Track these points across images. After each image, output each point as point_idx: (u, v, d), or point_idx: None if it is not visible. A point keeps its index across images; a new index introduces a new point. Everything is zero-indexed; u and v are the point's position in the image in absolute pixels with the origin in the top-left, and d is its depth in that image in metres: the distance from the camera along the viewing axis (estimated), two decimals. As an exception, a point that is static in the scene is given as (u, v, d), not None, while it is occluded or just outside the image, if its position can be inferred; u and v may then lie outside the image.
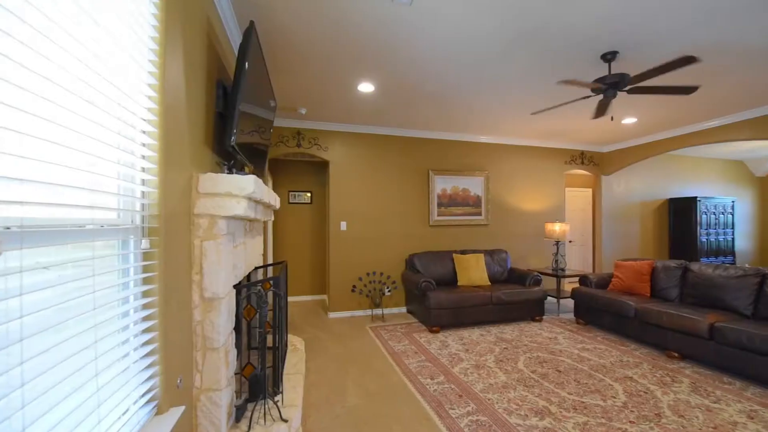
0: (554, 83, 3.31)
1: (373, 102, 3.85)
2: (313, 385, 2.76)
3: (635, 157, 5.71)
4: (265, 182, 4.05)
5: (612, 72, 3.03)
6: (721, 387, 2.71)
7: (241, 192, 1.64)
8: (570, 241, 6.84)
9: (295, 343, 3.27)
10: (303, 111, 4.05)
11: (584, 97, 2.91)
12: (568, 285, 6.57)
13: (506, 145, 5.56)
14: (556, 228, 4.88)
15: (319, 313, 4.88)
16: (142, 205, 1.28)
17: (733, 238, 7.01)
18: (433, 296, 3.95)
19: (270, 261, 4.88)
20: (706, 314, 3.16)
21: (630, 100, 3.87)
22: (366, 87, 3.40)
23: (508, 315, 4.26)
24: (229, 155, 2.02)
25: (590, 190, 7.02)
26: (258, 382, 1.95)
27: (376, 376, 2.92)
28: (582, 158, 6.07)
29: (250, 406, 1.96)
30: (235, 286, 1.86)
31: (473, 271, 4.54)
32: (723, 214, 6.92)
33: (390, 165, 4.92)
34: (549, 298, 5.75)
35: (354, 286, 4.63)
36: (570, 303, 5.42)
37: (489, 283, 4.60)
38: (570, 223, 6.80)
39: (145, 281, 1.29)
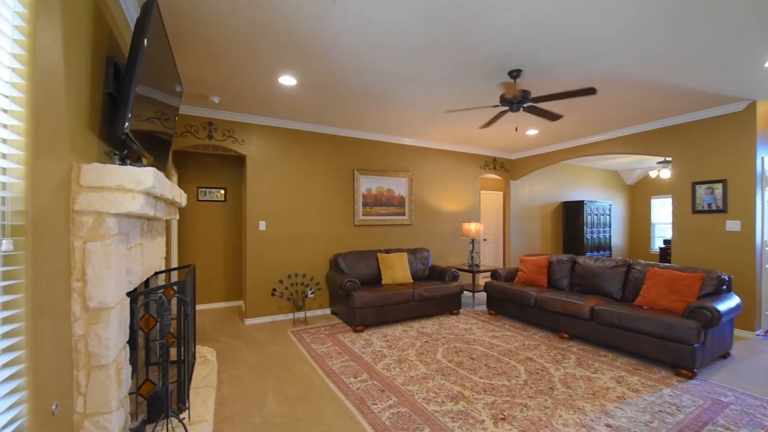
0: (468, 90, 3.58)
1: (296, 96, 3.74)
2: (227, 397, 2.57)
3: (537, 164, 6.49)
4: (169, 176, 3.65)
5: (517, 88, 3.40)
6: (599, 360, 3.22)
7: (137, 186, 1.45)
8: (484, 240, 7.48)
9: (206, 354, 3.01)
10: (216, 100, 3.75)
11: (494, 106, 3.22)
12: (483, 279, 7.19)
13: (428, 148, 5.87)
14: (472, 227, 5.30)
15: (235, 321, 4.56)
16: (2, 198, 1.05)
17: (610, 236, 8.38)
18: (358, 296, 3.97)
19: (174, 265, 4.41)
20: (588, 299, 3.72)
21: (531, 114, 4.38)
22: (287, 80, 3.28)
23: (429, 310, 4.49)
24: (123, 144, 1.77)
25: (501, 193, 7.77)
26: (159, 400, 1.74)
27: (298, 381, 2.83)
28: (494, 164, 6.69)
29: (149, 427, 1.74)
30: (129, 294, 1.64)
31: (397, 270, 4.68)
32: (603, 215, 8.23)
33: (314, 163, 4.83)
34: (465, 292, 6.21)
35: (274, 290, 4.43)
36: (483, 296, 5.93)
37: (412, 281, 4.79)
38: (484, 223, 7.44)
39: (7, 290, 1.06)
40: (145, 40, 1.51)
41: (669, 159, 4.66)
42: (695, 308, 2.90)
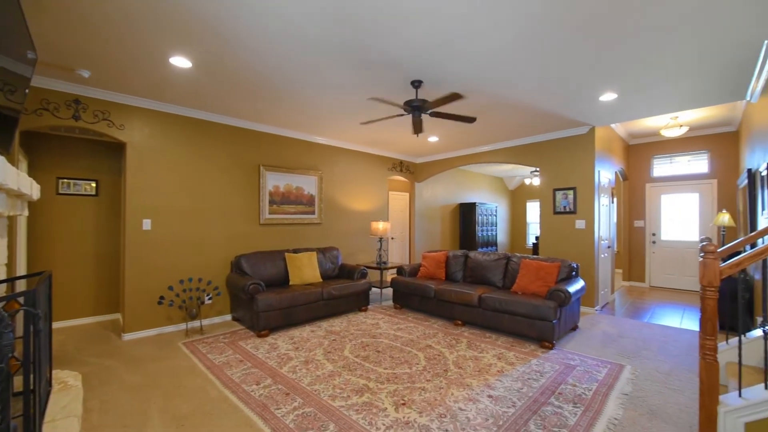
0: (375, 96, 3.73)
1: (192, 81, 3.38)
2: (97, 427, 2.19)
3: (438, 168, 7.08)
4: (14, 162, 2.95)
5: (418, 97, 3.67)
6: (485, 341, 3.68)
7: (-38, 171, 1.14)
8: (392, 238, 7.84)
9: (67, 380, 2.50)
10: (85, 74, 3.14)
11: (399, 115, 3.42)
12: (390, 276, 7.52)
13: (339, 147, 5.90)
14: (380, 226, 5.51)
15: (109, 337, 3.89)
16: None
17: (496, 233, 9.62)
18: (262, 298, 3.78)
19: (22, 272, 3.58)
20: (477, 289, 4.22)
21: (433, 122, 4.77)
22: (181, 62, 2.94)
23: (338, 308, 4.51)
24: (-60, 118, 1.37)
25: (407, 194, 8.25)
26: (-5, 441, 1.39)
27: (190, 397, 2.56)
28: (401, 166, 7.08)
29: (-21, 477, 1.37)
30: (-52, 309, 1.27)
31: (306, 270, 4.60)
32: (491, 215, 9.40)
33: (214, 156, 4.42)
34: (374, 288, 6.43)
35: (162, 298, 3.91)
36: (391, 291, 6.22)
37: (321, 280, 4.76)
38: (392, 222, 7.80)
39: None
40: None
41: (538, 169, 5.60)
42: (553, 291, 3.55)
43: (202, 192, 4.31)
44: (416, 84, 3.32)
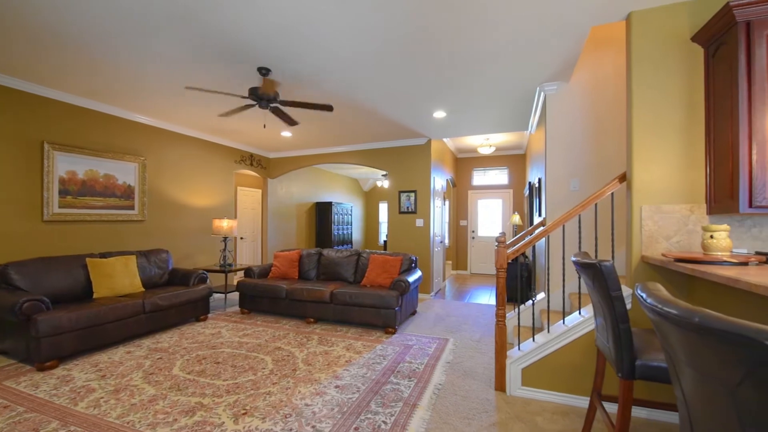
0: (214, 76, 3.31)
1: None
2: None
3: (293, 165, 6.87)
4: None
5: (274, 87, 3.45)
6: (336, 335, 3.74)
7: None
8: (241, 238, 7.17)
9: None
10: None
11: (243, 96, 3.11)
12: (238, 279, 6.86)
13: (171, 131, 5.00)
14: (224, 224, 4.94)
15: None
16: None
17: (351, 232, 10.03)
18: (46, 319, 2.82)
19: None
20: (329, 285, 4.27)
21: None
22: None
23: (167, 321, 3.80)
24: None
25: (260, 190, 7.72)
26: None
27: None
28: (251, 160, 6.55)
29: None
30: None
31: (119, 278, 3.69)
32: (346, 215, 9.74)
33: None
34: (217, 294, 5.73)
35: None
36: (237, 295, 5.66)
37: (143, 289, 3.91)
38: (241, 220, 7.14)
39: None
40: None
41: (387, 173, 6.14)
42: (396, 281, 3.92)
43: (-66, 173, 2.93)
44: (264, 72, 3.11)
